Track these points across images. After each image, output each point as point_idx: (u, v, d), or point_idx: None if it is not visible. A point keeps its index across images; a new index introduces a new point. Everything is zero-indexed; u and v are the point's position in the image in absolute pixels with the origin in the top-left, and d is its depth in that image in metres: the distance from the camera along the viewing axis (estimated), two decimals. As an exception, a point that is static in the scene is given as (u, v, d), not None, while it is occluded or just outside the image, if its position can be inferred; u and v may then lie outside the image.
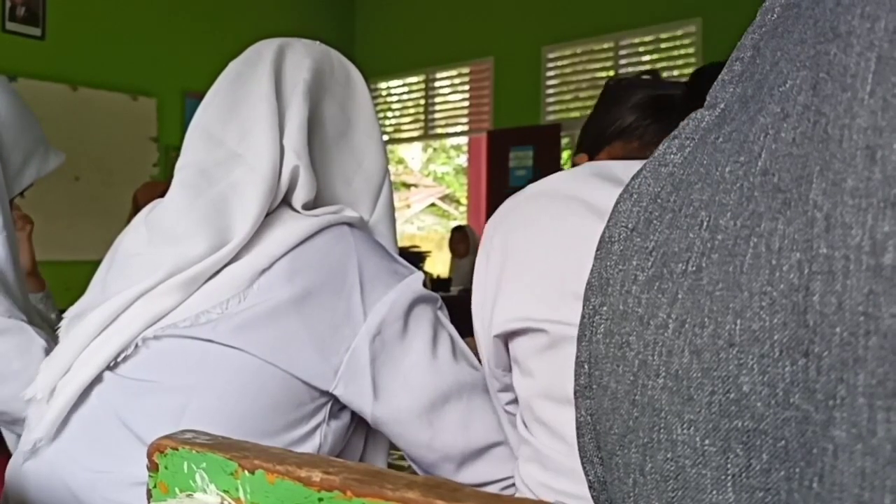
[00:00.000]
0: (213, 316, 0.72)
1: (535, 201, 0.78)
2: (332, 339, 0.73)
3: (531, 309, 0.72)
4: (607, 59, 4.74)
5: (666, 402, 0.24)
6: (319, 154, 0.84)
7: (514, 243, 0.75)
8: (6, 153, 1.04)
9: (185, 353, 0.72)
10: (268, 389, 0.71)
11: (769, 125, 0.25)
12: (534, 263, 0.73)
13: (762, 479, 0.22)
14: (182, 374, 0.72)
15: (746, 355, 0.22)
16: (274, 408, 0.71)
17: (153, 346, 0.73)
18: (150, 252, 0.78)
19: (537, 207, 0.77)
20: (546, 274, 0.72)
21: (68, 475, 0.72)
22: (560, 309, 0.70)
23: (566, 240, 0.72)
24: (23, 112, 1.08)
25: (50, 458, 0.73)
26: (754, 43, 0.28)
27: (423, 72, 5.57)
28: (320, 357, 0.72)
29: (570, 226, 0.72)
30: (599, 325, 0.28)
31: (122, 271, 0.80)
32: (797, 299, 0.21)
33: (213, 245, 0.74)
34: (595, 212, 0.70)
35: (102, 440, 0.72)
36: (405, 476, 0.31)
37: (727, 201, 0.25)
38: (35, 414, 0.76)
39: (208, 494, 0.36)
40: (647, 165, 0.30)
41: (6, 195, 1.04)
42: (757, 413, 0.22)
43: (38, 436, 0.72)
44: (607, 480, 0.28)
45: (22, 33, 3.97)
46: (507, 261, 0.75)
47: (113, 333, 0.74)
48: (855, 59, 0.22)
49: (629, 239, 0.28)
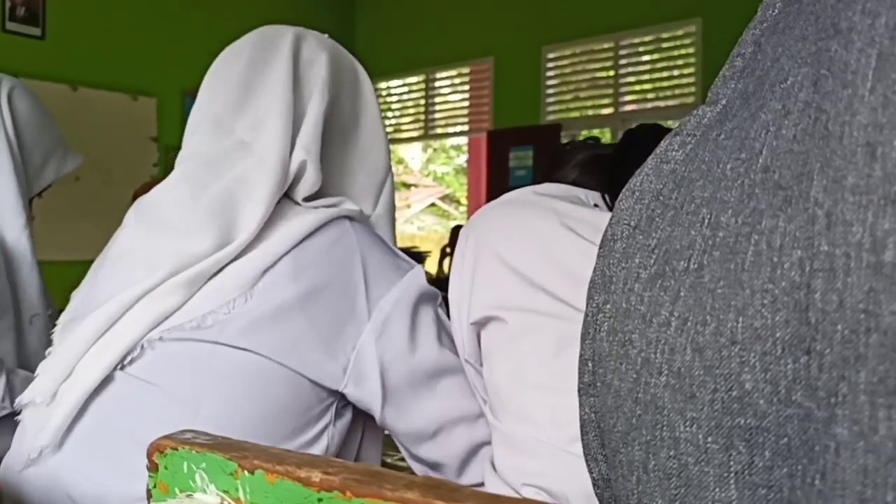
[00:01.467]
0: (220, 317, 0.70)
1: (506, 207, 0.87)
2: (339, 337, 0.72)
3: (502, 298, 0.79)
4: (607, 59, 4.74)
5: (669, 400, 0.24)
6: (326, 149, 0.83)
7: (486, 242, 0.83)
8: (27, 154, 1.05)
9: (192, 357, 0.70)
10: (277, 391, 0.70)
11: (770, 122, 0.25)
12: (505, 259, 0.80)
13: (765, 476, 0.22)
14: (190, 381, 0.70)
15: (749, 353, 0.22)
16: (284, 411, 0.70)
17: (159, 347, 0.71)
18: (148, 247, 0.76)
19: (508, 211, 0.86)
20: (515, 268, 0.79)
21: (72, 486, 0.69)
22: (528, 299, 0.77)
23: (534, 239, 0.80)
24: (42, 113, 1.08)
25: (52, 467, 0.70)
26: (755, 39, 0.28)
27: (424, 72, 5.57)
28: (328, 356, 0.71)
29: (537, 227, 0.81)
30: (603, 323, 0.28)
31: (115, 269, 0.77)
32: (799, 297, 0.21)
33: (218, 242, 0.72)
34: (558, 217, 0.80)
35: (108, 451, 0.69)
36: (405, 476, 0.31)
37: (728, 198, 0.25)
38: (33, 419, 0.72)
39: (208, 495, 0.36)
40: (649, 162, 0.30)
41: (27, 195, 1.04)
42: (759, 410, 0.22)
43: (43, 443, 0.69)
44: (611, 478, 0.28)
45: (22, 33, 3.97)
46: (479, 257, 0.82)
47: (116, 335, 0.71)
48: (856, 56, 0.22)
49: (631, 237, 0.28)
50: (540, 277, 0.77)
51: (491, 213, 0.88)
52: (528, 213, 0.84)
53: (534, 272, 0.78)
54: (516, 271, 0.79)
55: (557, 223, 0.80)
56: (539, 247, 0.79)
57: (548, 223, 0.81)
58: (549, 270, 0.77)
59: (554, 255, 0.78)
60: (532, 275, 0.78)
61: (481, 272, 0.82)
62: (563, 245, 0.78)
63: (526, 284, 0.78)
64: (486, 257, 0.82)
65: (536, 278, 0.77)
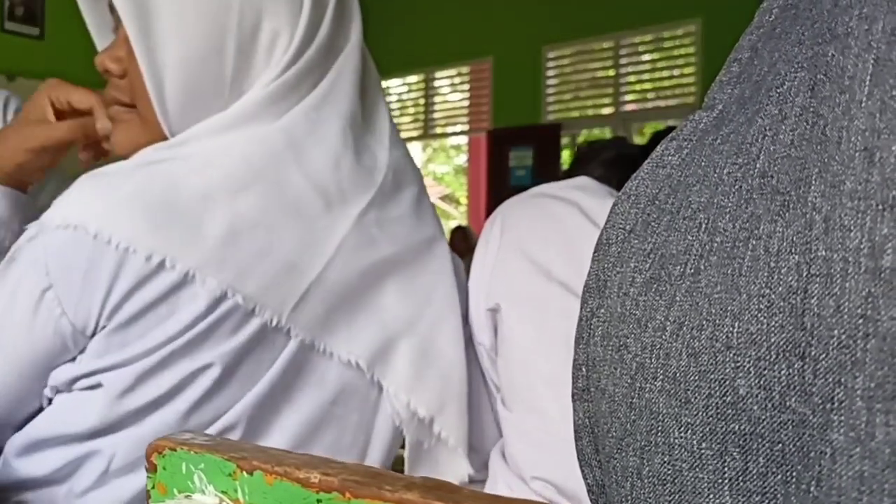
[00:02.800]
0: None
1: (534, 199, 0.88)
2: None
3: (518, 288, 0.81)
4: (607, 59, 4.74)
5: (663, 405, 0.24)
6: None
7: (510, 231, 0.84)
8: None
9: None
10: None
11: (767, 127, 0.25)
12: (525, 249, 0.82)
13: (759, 482, 0.22)
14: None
15: (743, 358, 0.22)
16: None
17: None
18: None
19: (535, 204, 0.87)
20: (535, 260, 0.81)
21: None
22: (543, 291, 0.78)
23: (557, 231, 0.82)
24: None
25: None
26: (752, 44, 0.28)
27: (423, 71, 5.58)
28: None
29: (562, 220, 0.82)
30: (597, 328, 0.28)
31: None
32: (795, 302, 0.21)
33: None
34: (585, 215, 0.81)
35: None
36: (404, 477, 0.31)
37: (726, 203, 0.25)
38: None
39: (207, 496, 0.36)
40: (645, 167, 0.30)
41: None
42: (753, 416, 0.22)
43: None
44: (605, 484, 0.28)
45: (21, 33, 3.98)
46: (502, 245, 0.84)
47: None
48: (853, 61, 0.22)
49: (626, 241, 0.28)
50: (558, 270, 0.79)
51: (519, 203, 0.89)
52: (552, 204, 0.85)
53: (552, 265, 0.79)
54: (535, 262, 0.80)
55: (579, 214, 0.81)
56: (561, 240, 0.81)
57: (572, 217, 0.82)
58: (569, 262, 0.79)
59: (575, 250, 0.80)
60: (550, 267, 0.79)
61: (501, 260, 0.83)
62: (584, 237, 0.79)
63: (543, 275, 0.79)
64: (507, 246, 0.83)
65: (554, 271, 0.79)
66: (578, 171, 0.98)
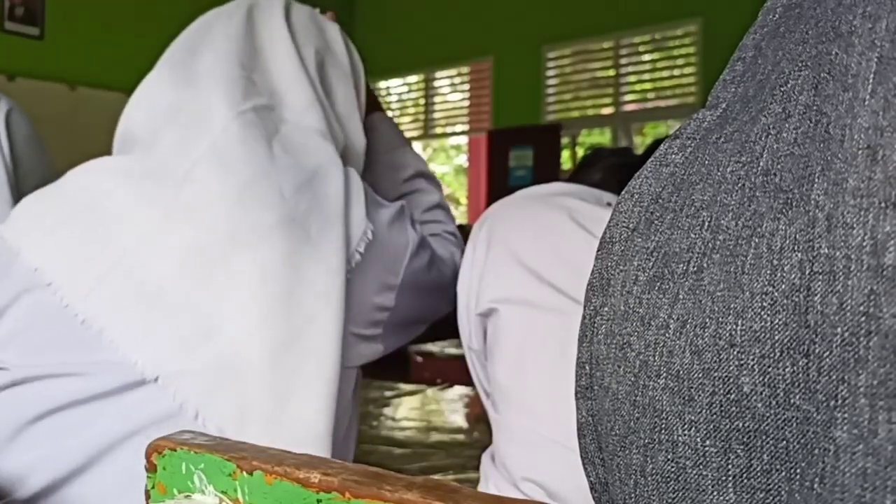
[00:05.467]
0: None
1: (521, 200, 0.89)
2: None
3: (509, 291, 0.81)
4: (607, 59, 4.74)
5: (667, 403, 0.24)
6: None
7: (498, 234, 0.85)
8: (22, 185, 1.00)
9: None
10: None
11: (771, 125, 0.25)
12: (515, 251, 0.82)
13: (763, 479, 0.22)
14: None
15: (747, 356, 0.22)
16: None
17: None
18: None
19: (522, 205, 0.88)
20: (524, 262, 0.81)
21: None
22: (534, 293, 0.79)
23: (545, 234, 0.82)
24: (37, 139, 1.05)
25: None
26: (756, 43, 0.28)
27: (423, 71, 5.58)
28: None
29: (550, 222, 0.83)
30: (600, 326, 0.28)
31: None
32: (798, 299, 0.21)
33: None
34: (570, 213, 0.82)
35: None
36: (404, 477, 0.31)
37: (729, 201, 0.25)
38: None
39: (206, 496, 0.36)
40: (648, 166, 0.30)
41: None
42: (757, 413, 0.22)
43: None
44: (609, 482, 0.28)
45: (20, 33, 3.97)
46: (490, 249, 0.84)
47: None
48: (856, 59, 0.22)
49: (630, 239, 0.28)
50: (548, 272, 0.79)
51: (506, 206, 0.90)
52: (541, 208, 0.86)
53: (542, 267, 0.80)
54: (525, 265, 0.80)
55: (569, 219, 0.82)
56: (550, 242, 0.81)
57: (560, 219, 0.82)
58: (559, 265, 0.79)
59: (564, 251, 0.80)
60: (541, 269, 0.79)
61: (491, 263, 0.83)
62: (574, 241, 0.80)
63: (534, 278, 0.79)
64: (496, 249, 0.84)
65: (545, 273, 0.79)
66: (581, 174, 0.99)
